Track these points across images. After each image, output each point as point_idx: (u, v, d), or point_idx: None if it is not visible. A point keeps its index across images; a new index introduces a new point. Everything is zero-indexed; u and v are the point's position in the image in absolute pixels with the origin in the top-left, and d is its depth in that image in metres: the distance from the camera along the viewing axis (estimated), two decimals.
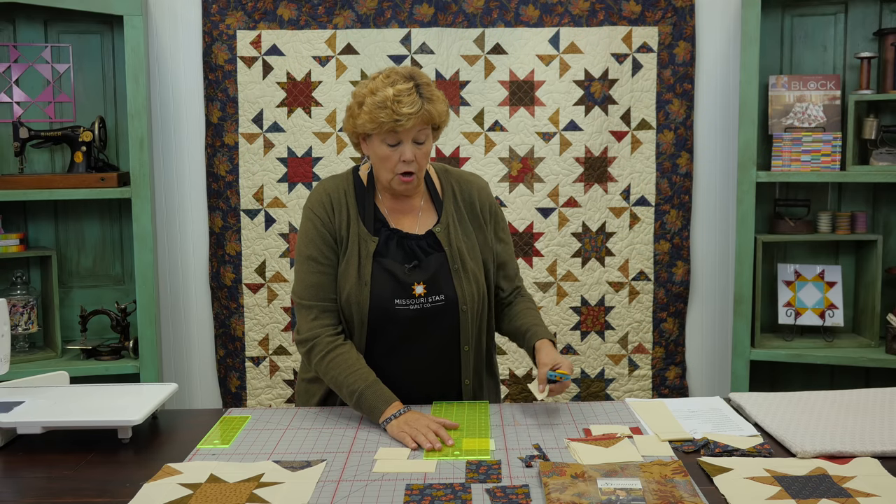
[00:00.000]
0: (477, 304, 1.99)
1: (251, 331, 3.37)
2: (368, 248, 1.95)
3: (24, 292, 3.20)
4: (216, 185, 3.32)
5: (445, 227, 1.99)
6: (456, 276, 1.96)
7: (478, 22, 3.24)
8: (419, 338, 1.97)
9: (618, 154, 3.29)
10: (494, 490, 1.49)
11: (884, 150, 3.11)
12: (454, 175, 2.09)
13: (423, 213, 2.02)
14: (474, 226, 2.04)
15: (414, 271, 1.95)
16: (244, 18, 3.24)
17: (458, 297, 1.96)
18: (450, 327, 1.98)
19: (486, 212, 2.07)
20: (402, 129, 1.84)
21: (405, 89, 1.83)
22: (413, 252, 1.96)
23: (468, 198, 2.05)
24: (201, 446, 1.74)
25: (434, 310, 1.95)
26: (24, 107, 3.27)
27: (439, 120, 1.91)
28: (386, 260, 1.95)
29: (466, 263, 1.98)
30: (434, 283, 1.95)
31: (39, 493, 1.54)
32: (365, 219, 1.97)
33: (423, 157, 1.91)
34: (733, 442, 1.69)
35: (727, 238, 3.37)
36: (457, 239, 1.99)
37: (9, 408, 1.79)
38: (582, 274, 3.32)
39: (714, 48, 3.30)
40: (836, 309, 3.20)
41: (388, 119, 1.82)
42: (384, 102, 1.82)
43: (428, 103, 1.86)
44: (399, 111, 1.81)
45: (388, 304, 1.94)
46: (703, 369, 3.44)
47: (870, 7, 3.19)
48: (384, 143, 1.88)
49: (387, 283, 1.94)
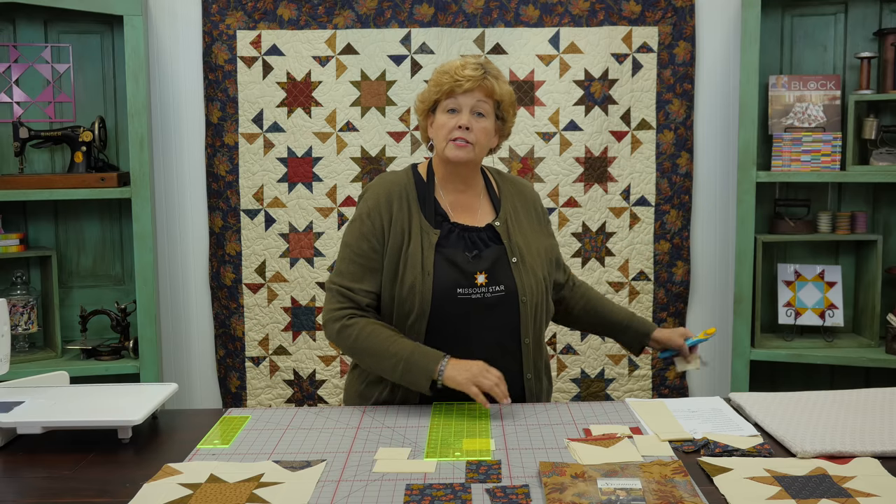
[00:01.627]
0: (536, 297, 2.02)
1: (251, 331, 3.37)
2: (431, 240, 1.99)
3: (24, 292, 3.20)
4: (216, 185, 3.32)
5: (504, 222, 2.05)
6: (515, 269, 2.00)
7: (478, 22, 3.24)
8: (481, 329, 1.98)
9: (618, 154, 3.29)
10: (494, 490, 1.49)
11: (884, 150, 3.11)
12: (509, 177, 2.19)
13: (482, 209, 2.08)
14: (531, 223, 2.11)
15: (476, 260, 1.99)
16: (244, 18, 3.24)
17: (517, 289, 1.99)
18: (510, 319, 2.00)
19: (541, 211, 2.17)
20: (462, 92, 1.94)
21: (472, 62, 1.97)
22: (474, 243, 2.01)
23: (525, 197, 2.14)
24: (201, 446, 1.74)
25: (494, 300, 1.98)
26: (24, 107, 3.27)
27: (500, 96, 1.98)
28: (448, 250, 1.98)
29: (525, 257, 2.02)
30: (494, 274, 1.98)
31: (39, 493, 1.54)
32: (426, 213, 2.02)
33: (481, 131, 1.97)
34: (733, 442, 1.69)
35: (727, 238, 3.37)
36: (515, 233, 2.05)
37: (9, 408, 1.79)
38: (582, 274, 3.32)
39: (714, 48, 3.30)
40: (836, 309, 3.20)
41: (449, 81, 1.95)
42: (449, 69, 1.97)
43: (492, 78, 1.96)
44: (461, 73, 1.94)
45: (451, 293, 1.96)
46: (703, 369, 3.44)
47: (870, 7, 3.19)
48: (444, 112, 1.98)
49: (450, 273, 1.96)
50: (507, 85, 2.02)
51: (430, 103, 2.02)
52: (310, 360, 3.35)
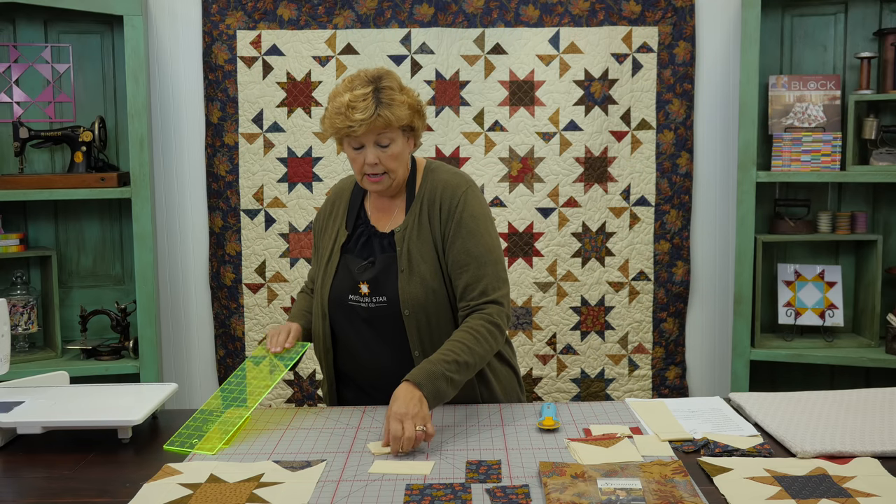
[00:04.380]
0: (426, 308, 1.92)
1: (251, 331, 3.37)
2: (338, 242, 2.03)
3: (24, 292, 3.20)
4: (216, 185, 3.32)
5: (405, 228, 1.96)
6: (401, 279, 1.92)
7: (478, 22, 3.24)
8: (371, 338, 1.98)
9: (618, 154, 3.29)
10: (494, 490, 1.49)
11: (884, 150, 3.11)
12: (435, 175, 2.02)
13: (397, 213, 2.02)
14: (436, 228, 1.96)
15: (365, 269, 1.97)
16: (244, 18, 3.24)
17: (399, 300, 1.92)
18: (396, 331, 1.94)
19: (445, 213, 1.95)
20: (358, 135, 1.85)
21: (361, 95, 1.83)
22: (373, 251, 1.99)
23: (433, 198, 1.97)
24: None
25: (378, 310, 1.95)
26: (24, 107, 3.27)
27: (398, 124, 1.87)
28: (350, 256, 2.01)
29: (415, 266, 1.93)
30: (377, 284, 1.95)
31: (39, 493, 1.54)
32: (348, 214, 2.05)
33: (391, 159, 1.90)
34: (733, 442, 1.69)
35: (727, 238, 3.37)
36: (410, 240, 1.95)
37: (9, 408, 1.79)
38: (582, 274, 3.32)
39: (714, 48, 3.30)
40: (836, 309, 3.20)
41: (342, 125, 1.84)
42: (340, 109, 1.84)
43: (385, 108, 1.84)
44: (352, 117, 1.83)
45: (344, 298, 1.99)
46: (703, 369, 3.44)
47: (870, 7, 3.19)
48: (350, 147, 1.91)
49: (345, 279, 1.99)
50: (401, 107, 1.86)
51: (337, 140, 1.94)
52: (310, 361, 3.35)
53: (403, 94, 1.89)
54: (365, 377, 2.03)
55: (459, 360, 1.79)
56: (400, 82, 1.92)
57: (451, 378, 1.77)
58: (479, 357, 1.84)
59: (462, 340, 1.83)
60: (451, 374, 1.77)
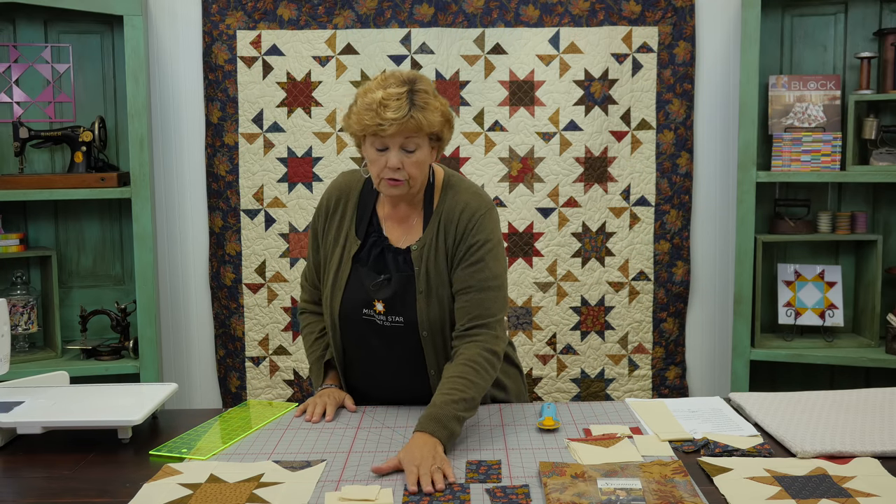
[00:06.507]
0: (441, 331, 1.89)
1: (251, 331, 3.37)
2: (350, 251, 1.93)
3: (24, 292, 3.20)
4: (216, 185, 3.32)
5: (422, 247, 1.89)
6: (420, 300, 1.87)
7: (478, 22, 3.24)
8: (386, 355, 1.94)
9: (618, 154, 3.29)
10: (494, 490, 1.49)
11: (884, 150, 3.11)
12: (456, 193, 1.93)
13: (414, 227, 1.93)
14: (446, 247, 1.89)
15: (380, 287, 1.89)
16: (244, 18, 3.24)
17: (418, 322, 1.87)
18: (414, 350, 1.91)
19: (459, 235, 1.88)
20: (386, 135, 1.76)
21: (395, 94, 1.75)
22: (387, 266, 1.91)
23: (451, 217, 1.90)
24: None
25: (393, 330, 1.90)
26: (24, 107, 3.27)
27: (429, 129, 1.79)
28: (362, 269, 1.92)
29: (433, 287, 1.87)
30: (393, 304, 1.88)
31: (39, 493, 1.54)
32: (358, 220, 1.95)
33: (414, 165, 1.81)
34: (733, 442, 1.69)
35: (727, 238, 3.37)
36: (429, 260, 1.88)
37: (9, 408, 1.79)
38: (582, 274, 3.32)
39: (714, 48, 3.30)
40: (836, 309, 3.20)
41: (371, 122, 1.75)
42: (371, 105, 1.76)
43: (418, 111, 1.76)
44: (383, 115, 1.74)
45: (357, 312, 1.92)
46: (703, 369, 3.44)
47: (870, 7, 3.19)
48: (373, 147, 1.81)
49: (358, 292, 1.91)
50: (435, 112, 1.80)
51: (358, 139, 1.86)
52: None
53: (437, 101, 1.82)
54: (378, 391, 2.00)
55: (466, 398, 1.74)
56: (434, 89, 1.84)
57: (461, 417, 1.72)
58: (482, 389, 1.80)
59: (464, 375, 1.78)
60: (460, 412, 1.72)
